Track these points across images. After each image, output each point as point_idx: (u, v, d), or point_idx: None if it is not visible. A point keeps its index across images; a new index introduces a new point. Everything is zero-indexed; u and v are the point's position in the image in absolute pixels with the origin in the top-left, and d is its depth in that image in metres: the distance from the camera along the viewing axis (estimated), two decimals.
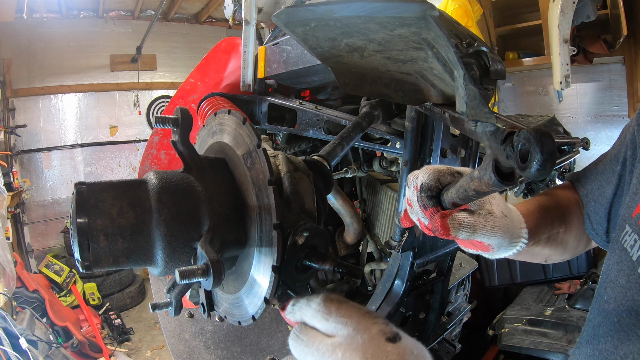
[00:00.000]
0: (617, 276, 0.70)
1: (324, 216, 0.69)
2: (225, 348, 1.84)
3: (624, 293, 0.67)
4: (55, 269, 5.07)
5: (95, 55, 5.91)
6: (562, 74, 2.83)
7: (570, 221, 0.88)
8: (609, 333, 0.68)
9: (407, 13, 0.67)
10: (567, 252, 0.92)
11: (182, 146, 0.60)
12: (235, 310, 0.63)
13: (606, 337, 0.69)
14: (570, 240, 0.89)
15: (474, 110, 0.67)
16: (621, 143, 0.82)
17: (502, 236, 0.69)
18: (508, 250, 0.73)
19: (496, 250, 0.71)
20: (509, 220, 0.70)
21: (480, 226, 0.66)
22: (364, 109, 1.23)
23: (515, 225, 0.72)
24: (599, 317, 0.73)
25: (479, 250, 0.71)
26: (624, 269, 0.69)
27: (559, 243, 0.87)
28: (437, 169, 0.69)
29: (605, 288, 0.73)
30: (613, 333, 0.67)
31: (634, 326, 0.63)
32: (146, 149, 2.01)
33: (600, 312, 0.73)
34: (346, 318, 0.47)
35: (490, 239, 0.68)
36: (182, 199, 0.57)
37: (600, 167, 0.88)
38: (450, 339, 1.80)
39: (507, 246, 0.71)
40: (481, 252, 0.72)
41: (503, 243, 0.70)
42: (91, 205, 0.53)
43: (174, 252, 0.55)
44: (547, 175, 0.44)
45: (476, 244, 0.70)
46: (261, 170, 0.55)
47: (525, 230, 0.73)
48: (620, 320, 0.67)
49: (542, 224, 0.81)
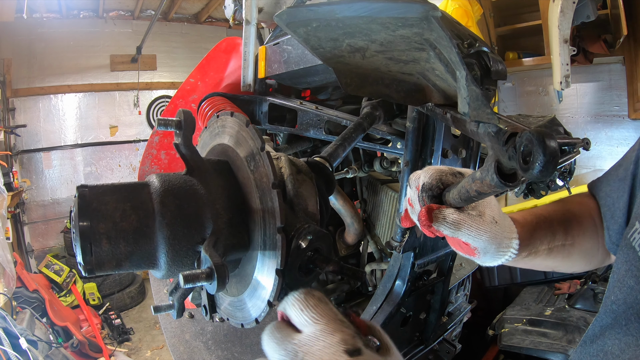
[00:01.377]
0: (625, 276, 0.68)
1: (327, 218, 0.69)
2: (225, 348, 1.84)
3: (634, 295, 0.65)
4: (55, 269, 5.07)
5: (95, 55, 5.90)
6: (562, 74, 2.83)
7: (577, 235, 0.84)
8: (616, 336, 0.67)
9: (410, 14, 0.67)
10: (576, 265, 0.88)
11: (185, 148, 0.60)
12: (237, 312, 0.63)
13: (613, 340, 0.68)
14: (576, 254, 0.85)
15: (476, 111, 0.67)
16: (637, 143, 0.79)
17: (488, 241, 0.67)
18: (495, 258, 0.71)
19: (482, 256, 0.69)
20: (498, 227, 0.68)
21: (465, 225, 0.64)
22: (365, 109, 1.23)
23: (505, 234, 0.70)
24: (607, 318, 0.71)
25: (467, 254, 0.70)
26: (632, 269, 0.67)
27: (565, 256, 0.83)
28: (439, 169, 0.69)
29: (614, 288, 0.71)
30: (620, 336, 0.66)
31: None
32: (146, 149, 2.01)
33: (607, 313, 0.72)
34: (318, 316, 0.46)
35: (475, 241, 0.66)
36: (185, 202, 0.56)
37: (622, 173, 0.83)
38: (451, 339, 1.80)
39: (494, 253, 0.70)
40: (469, 257, 0.70)
41: (489, 249, 0.68)
42: (94, 208, 0.52)
43: (177, 255, 0.55)
44: (550, 176, 0.44)
45: (462, 246, 0.69)
46: (265, 173, 0.55)
47: (516, 241, 0.71)
48: (628, 324, 0.65)
49: (539, 235, 0.78)
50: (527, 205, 3.30)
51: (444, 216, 0.64)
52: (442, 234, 0.66)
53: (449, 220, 0.64)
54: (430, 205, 0.65)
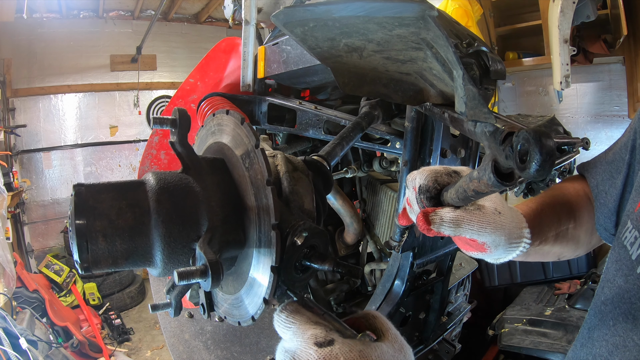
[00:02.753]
0: (615, 275, 0.67)
1: (324, 216, 0.69)
2: (225, 348, 1.84)
3: (622, 294, 0.64)
4: (55, 269, 5.08)
5: (95, 55, 5.91)
6: (562, 74, 2.83)
7: (580, 215, 0.83)
8: (604, 337, 0.66)
9: (406, 13, 0.67)
10: (580, 247, 0.87)
11: (181, 147, 0.60)
12: (235, 310, 0.63)
13: (600, 342, 0.66)
14: (582, 235, 0.84)
15: (472, 110, 0.67)
16: (631, 129, 0.78)
17: (495, 233, 0.65)
18: (509, 250, 0.69)
19: (494, 249, 0.67)
20: (503, 217, 0.67)
21: (465, 220, 0.63)
22: (364, 109, 1.23)
23: (515, 224, 0.69)
24: (595, 319, 0.70)
25: (478, 252, 0.68)
26: (622, 267, 0.66)
27: (570, 239, 0.82)
28: (433, 169, 0.68)
29: (603, 288, 0.70)
30: (608, 337, 0.65)
31: (630, 332, 0.60)
32: (146, 149, 2.01)
33: (596, 314, 0.70)
34: (290, 323, 0.51)
35: (480, 236, 0.65)
36: (181, 199, 0.56)
37: (610, 157, 0.83)
38: (450, 339, 1.80)
39: (505, 245, 0.68)
40: (481, 255, 0.69)
41: (499, 241, 0.66)
42: (90, 206, 0.53)
43: (173, 252, 0.55)
44: (546, 175, 0.44)
45: (471, 244, 0.67)
46: (259, 170, 0.55)
47: (527, 230, 0.70)
48: (616, 324, 0.64)
49: (547, 221, 0.77)
50: None
51: (441, 217, 0.63)
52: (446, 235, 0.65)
53: (446, 219, 0.63)
54: (425, 210, 0.64)
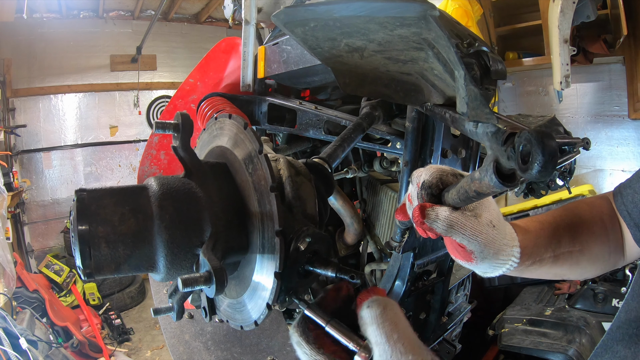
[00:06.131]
0: None
1: (326, 220, 0.69)
2: (225, 349, 1.84)
3: None
4: (55, 269, 5.07)
5: (95, 55, 5.90)
6: (562, 74, 2.83)
7: (587, 240, 0.81)
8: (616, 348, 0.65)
9: (408, 13, 0.67)
10: (586, 272, 0.85)
11: (183, 151, 0.59)
12: (237, 314, 0.63)
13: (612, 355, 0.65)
14: (584, 261, 0.82)
15: (474, 110, 0.67)
16: None
17: (484, 244, 0.65)
18: (495, 266, 0.69)
19: (480, 262, 0.67)
20: (496, 231, 0.66)
21: (459, 224, 0.63)
22: (365, 109, 1.23)
23: (505, 241, 0.68)
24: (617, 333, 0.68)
25: (465, 260, 0.68)
26: None
27: (573, 263, 0.80)
28: (440, 168, 0.68)
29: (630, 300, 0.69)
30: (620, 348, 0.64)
31: None
32: (146, 149, 2.01)
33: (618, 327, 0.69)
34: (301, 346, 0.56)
35: (470, 243, 0.64)
36: (184, 205, 0.56)
37: None
38: (451, 339, 1.80)
39: (492, 261, 0.68)
40: (467, 264, 0.69)
41: (486, 254, 0.66)
42: (92, 212, 0.52)
43: (176, 258, 0.55)
44: (549, 176, 0.43)
45: (459, 250, 0.67)
46: (263, 176, 0.54)
47: (517, 249, 0.69)
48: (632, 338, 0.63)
49: (544, 242, 0.75)
50: (527, 205, 3.30)
51: (437, 213, 0.63)
52: (436, 233, 0.65)
53: (441, 217, 0.63)
54: (423, 204, 0.64)
